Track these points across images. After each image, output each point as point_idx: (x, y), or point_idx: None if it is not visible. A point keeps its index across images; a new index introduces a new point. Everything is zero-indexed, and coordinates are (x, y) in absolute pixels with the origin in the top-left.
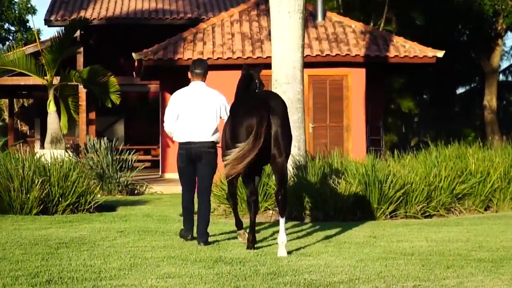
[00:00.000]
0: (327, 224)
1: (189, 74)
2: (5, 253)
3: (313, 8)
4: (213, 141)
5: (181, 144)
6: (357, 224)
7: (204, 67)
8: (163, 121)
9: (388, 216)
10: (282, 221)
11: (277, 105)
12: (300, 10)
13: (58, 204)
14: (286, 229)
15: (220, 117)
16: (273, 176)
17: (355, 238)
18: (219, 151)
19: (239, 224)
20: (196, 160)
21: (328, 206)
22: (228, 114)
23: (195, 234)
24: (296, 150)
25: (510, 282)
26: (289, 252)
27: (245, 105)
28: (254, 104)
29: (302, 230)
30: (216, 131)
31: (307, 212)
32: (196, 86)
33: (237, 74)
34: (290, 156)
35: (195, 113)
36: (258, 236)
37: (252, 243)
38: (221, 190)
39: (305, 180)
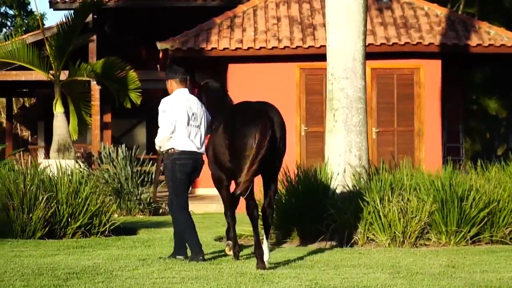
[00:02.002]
0: (395, 251)
1: (172, 82)
2: (3, 286)
3: None
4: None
5: (185, 152)
6: (431, 250)
7: (186, 73)
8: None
9: (470, 241)
10: (266, 243)
11: (277, 116)
12: None
13: (66, 226)
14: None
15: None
16: None
17: (429, 268)
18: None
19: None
20: (194, 171)
21: (396, 229)
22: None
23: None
24: (357, 160)
25: None
26: (351, 286)
27: (244, 115)
28: (255, 114)
29: (364, 257)
30: None
31: (370, 235)
32: (185, 93)
33: (283, 67)
34: (349, 168)
35: (192, 121)
36: (310, 264)
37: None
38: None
39: (368, 197)
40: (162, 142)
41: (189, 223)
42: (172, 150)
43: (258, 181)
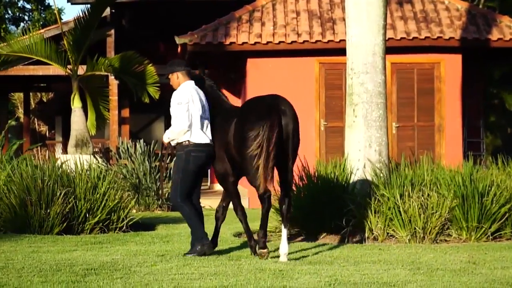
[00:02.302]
0: (415, 247)
1: (179, 75)
2: (21, 281)
3: None
4: None
5: (200, 145)
6: (452, 246)
7: (188, 66)
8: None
9: (491, 237)
10: (285, 231)
11: (289, 109)
12: None
13: (84, 222)
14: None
15: None
16: None
17: (449, 264)
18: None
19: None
20: (207, 163)
21: (416, 225)
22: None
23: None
24: (377, 155)
25: None
26: (371, 283)
27: (253, 112)
28: (264, 110)
29: (384, 253)
30: None
31: (390, 231)
32: (194, 85)
33: (303, 62)
34: (369, 164)
35: (203, 114)
36: (330, 260)
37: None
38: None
39: (388, 193)
40: (179, 135)
41: (192, 212)
42: (187, 142)
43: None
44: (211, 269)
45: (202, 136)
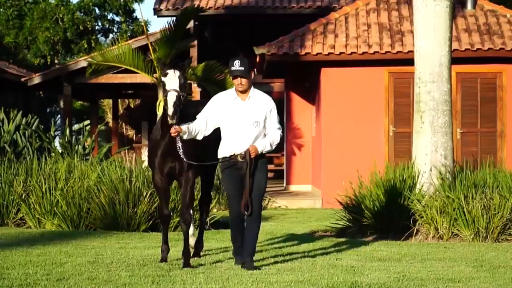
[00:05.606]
0: (478, 245)
1: (254, 75)
2: (110, 275)
3: None
4: None
5: None
6: None
7: None
8: (286, 127)
9: None
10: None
11: None
12: None
13: None
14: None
15: None
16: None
17: (511, 262)
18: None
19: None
20: None
21: (479, 224)
22: None
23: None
24: (443, 159)
25: None
26: (435, 279)
27: None
28: None
29: (449, 251)
30: None
31: (454, 231)
32: None
33: (373, 71)
34: (435, 167)
35: None
36: (398, 258)
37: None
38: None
39: (452, 194)
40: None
41: None
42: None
43: None
44: (287, 265)
45: None
